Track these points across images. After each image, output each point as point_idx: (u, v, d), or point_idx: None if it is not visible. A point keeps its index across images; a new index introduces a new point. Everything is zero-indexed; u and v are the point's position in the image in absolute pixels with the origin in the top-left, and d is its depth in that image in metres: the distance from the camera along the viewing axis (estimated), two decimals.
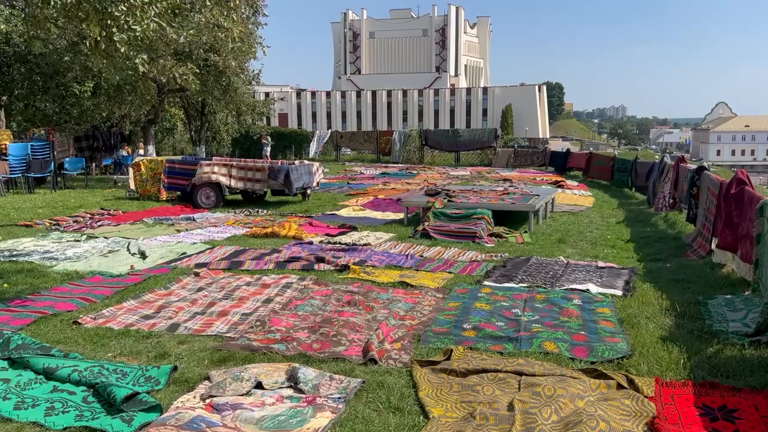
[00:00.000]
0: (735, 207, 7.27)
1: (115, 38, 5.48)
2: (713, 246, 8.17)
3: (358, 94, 78.43)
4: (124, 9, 5.28)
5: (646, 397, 3.94)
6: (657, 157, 18.68)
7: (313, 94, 79.85)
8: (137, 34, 5.16)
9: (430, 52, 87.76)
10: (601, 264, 8.11)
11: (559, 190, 17.09)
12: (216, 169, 14.10)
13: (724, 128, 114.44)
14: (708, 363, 4.54)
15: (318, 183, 16.22)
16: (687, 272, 7.54)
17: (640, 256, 8.83)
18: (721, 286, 6.81)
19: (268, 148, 28.95)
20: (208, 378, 4.24)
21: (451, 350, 4.75)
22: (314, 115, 78.31)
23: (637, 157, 19.71)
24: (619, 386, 4.10)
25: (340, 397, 3.95)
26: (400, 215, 12.10)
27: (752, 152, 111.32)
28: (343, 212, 13.36)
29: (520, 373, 4.28)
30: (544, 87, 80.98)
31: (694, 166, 11.13)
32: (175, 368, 4.39)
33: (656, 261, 8.39)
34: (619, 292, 6.58)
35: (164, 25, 5.44)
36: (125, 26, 5.35)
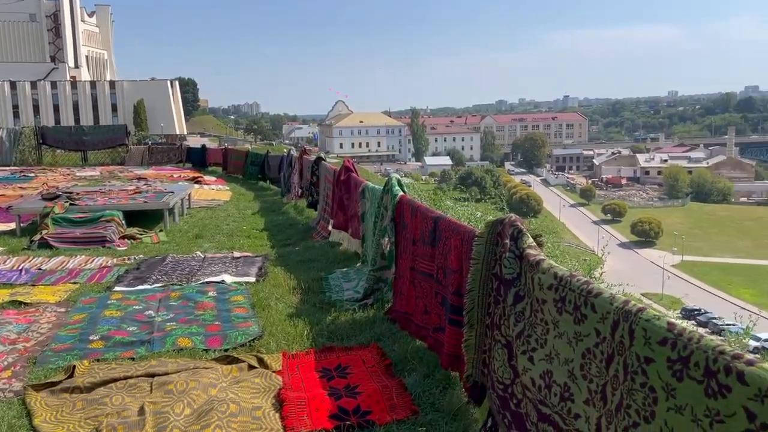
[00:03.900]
0: (344, 191, 8.31)
1: None
2: (331, 227, 9.20)
3: None
4: None
5: (274, 372, 4.23)
6: (285, 150, 20.13)
7: None
8: None
9: (42, 40, 77.35)
10: (236, 254, 8.38)
11: (197, 186, 17.05)
12: None
13: (344, 124, 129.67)
14: (327, 330, 5.11)
15: None
16: (312, 252, 8.33)
17: (272, 242, 9.42)
18: (339, 261, 7.72)
19: None
20: None
21: (74, 366, 4.33)
22: None
23: (269, 151, 20.89)
24: (251, 367, 4.31)
25: None
26: (12, 225, 10.47)
27: (367, 144, 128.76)
28: None
29: (153, 375, 4.15)
30: (177, 83, 79.23)
31: (313, 157, 12.33)
32: None
33: (286, 246, 9.07)
34: (252, 279, 6.90)
35: None
36: None
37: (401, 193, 5.56)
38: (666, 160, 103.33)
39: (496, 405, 3.22)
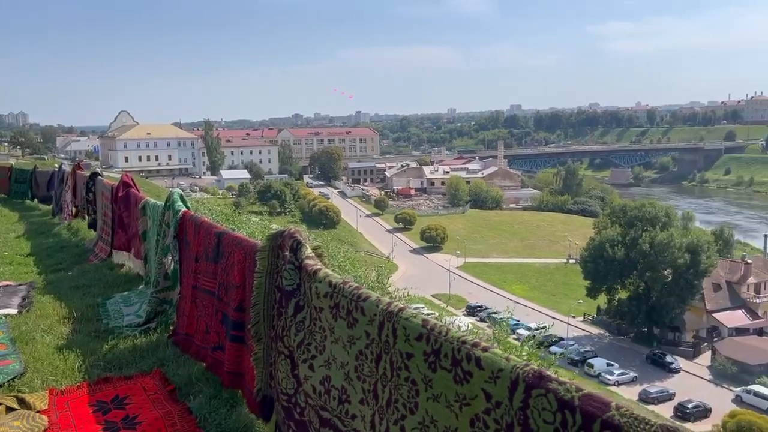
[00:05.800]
0: (124, 209, 7.75)
1: None
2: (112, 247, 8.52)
3: None
4: None
5: (38, 411, 3.79)
6: (56, 165, 18.19)
7: None
8: None
9: None
10: None
11: None
12: None
13: (129, 136, 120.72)
14: (103, 360, 4.71)
15: None
16: (88, 277, 7.63)
17: (40, 268, 8.45)
18: (119, 285, 7.18)
19: None
20: None
21: None
22: None
23: (36, 166, 18.70)
24: (9, 409, 3.81)
25: None
26: None
27: (156, 158, 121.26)
28: None
29: None
30: None
31: (88, 173, 11.30)
32: None
33: (58, 271, 8.20)
34: (14, 311, 6.12)
35: None
36: None
37: (184, 208, 5.35)
38: (448, 172, 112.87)
39: (281, 416, 3.24)
